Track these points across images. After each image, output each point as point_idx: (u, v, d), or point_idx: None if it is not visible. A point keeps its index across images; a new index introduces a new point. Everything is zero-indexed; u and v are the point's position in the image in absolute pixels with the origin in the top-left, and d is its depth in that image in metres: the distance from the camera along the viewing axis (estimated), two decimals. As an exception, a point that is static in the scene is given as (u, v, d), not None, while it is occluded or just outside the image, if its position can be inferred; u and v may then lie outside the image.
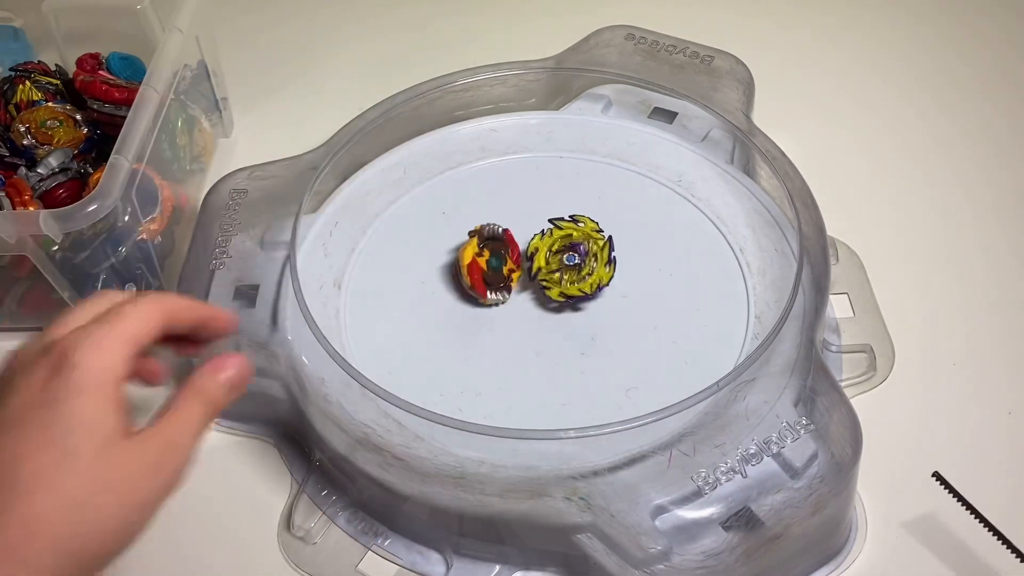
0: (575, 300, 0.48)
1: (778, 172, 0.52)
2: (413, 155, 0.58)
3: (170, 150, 0.58)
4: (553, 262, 0.48)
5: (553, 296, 0.48)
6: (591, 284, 0.48)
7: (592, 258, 0.48)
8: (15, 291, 0.53)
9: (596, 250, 0.48)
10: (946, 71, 0.71)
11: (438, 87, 0.59)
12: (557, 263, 0.48)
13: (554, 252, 0.49)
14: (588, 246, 0.49)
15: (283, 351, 0.46)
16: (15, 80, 0.59)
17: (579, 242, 0.49)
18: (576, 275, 0.48)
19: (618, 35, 0.62)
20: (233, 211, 0.53)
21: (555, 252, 0.49)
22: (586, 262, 0.48)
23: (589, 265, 0.48)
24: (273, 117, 0.69)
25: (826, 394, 0.42)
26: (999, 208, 0.60)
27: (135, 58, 0.61)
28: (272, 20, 0.79)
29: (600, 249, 0.49)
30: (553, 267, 0.48)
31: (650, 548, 0.38)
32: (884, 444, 0.46)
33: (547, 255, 0.48)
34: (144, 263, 0.52)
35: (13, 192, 0.51)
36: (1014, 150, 0.64)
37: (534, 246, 0.49)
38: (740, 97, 0.57)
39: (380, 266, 0.52)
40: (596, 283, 0.48)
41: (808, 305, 0.47)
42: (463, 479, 0.41)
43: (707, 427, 0.42)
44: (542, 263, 0.48)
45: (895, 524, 0.44)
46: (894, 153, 0.64)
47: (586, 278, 0.48)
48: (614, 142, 0.58)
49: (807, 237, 0.49)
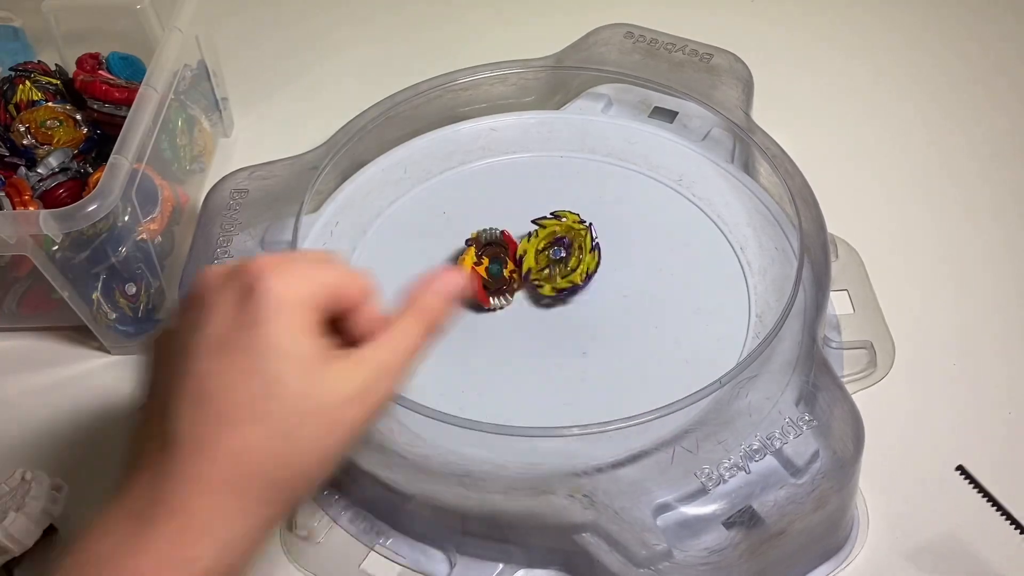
0: (567, 293, 0.48)
1: (778, 169, 0.52)
2: (413, 155, 0.58)
3: (170, 150, 0.58)
4: (541, 260, 0.49)
5: (546, 293, 0.48)
6: (580, 274, 0.48)
7: (577, 248, 0.49)
8: (15, 291, 0.53)
9: (580, 240, 0.49)
10: (946, 68, 0.71)
11: (438, 87, 0.59)
12: (545, 260, 0.49)
13: (541, 250, 0.49)
14: (571, 238, 0.49)
15: (285, 350, 0.46)
16: (15, 80, 0.59)
17: (562, 236, 0.49)
18: (564, 268, 0.48)
19: (617, 33, 0.62)
20: (234, 211, 0.53)
21: (542, 250, 0.49)
22: (571, 253, 0.49)
23: (575, 256, 0.48)
24: (273, 117, 0.69)
25: (827, 390, 0.43)
26: (998, 204, 0.60)
27: (135, 58, 0.61)
28: (272, 20, 0.79)
29: (583, 239, 0.49)
30: (542, 265, 0.49)
31: (653, 545, 0.38)
32: (885, 440, 0.46)
33: (535, 255, 0.49)
34: (144, 263, 0.52)
35: (13, 192, 0.51)
36: (1014, 148, 0.64)
37: (523, 248, 0.50)
38: (739, 95, 0.57)
39: (381, 265, 0.52)
40: (584, 272, 0.48)
41: (809, 302, 0.47)
42: (466, 477, 0.41)
43: (710, 424, 0.42)
44: (532, 263, 0.49)
45: (896, 520, 0.44)
46: (894, 150, 0.64)
47: (574, 269, 0.48)
48: (615, 141, 0.58)
49: (807, 235, 0.49)
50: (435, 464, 0.42)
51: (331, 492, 0.46)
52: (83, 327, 0.52)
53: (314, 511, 0.45)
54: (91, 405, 0.52)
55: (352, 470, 0.44)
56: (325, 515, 0.45)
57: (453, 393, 0.45)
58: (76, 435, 0.50)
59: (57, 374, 0.53)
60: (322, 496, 0.46)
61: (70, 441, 0.50)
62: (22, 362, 0.54)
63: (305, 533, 0.45)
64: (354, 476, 0.45)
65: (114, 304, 0.52)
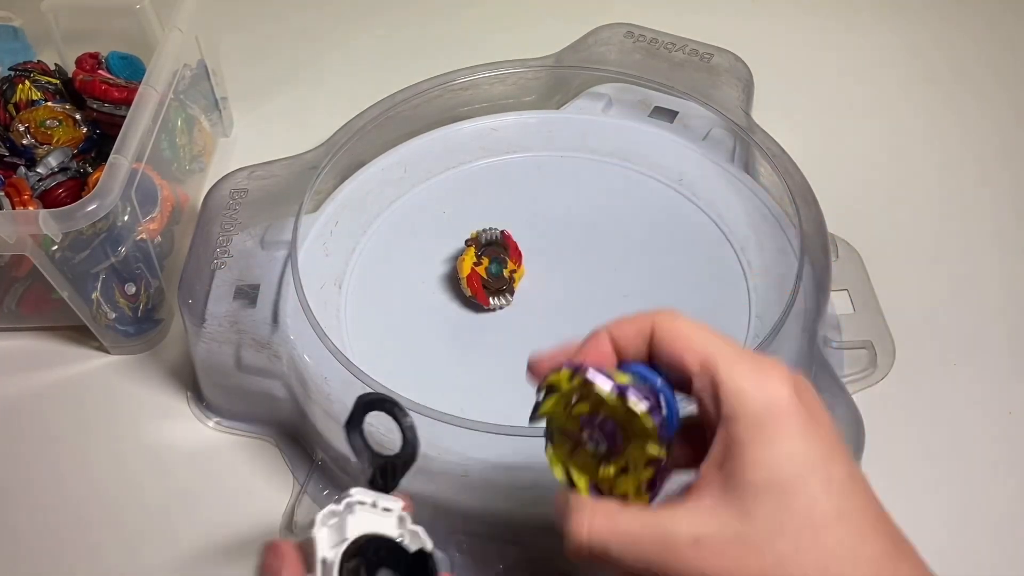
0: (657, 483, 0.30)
1: (778, 169, 0.52)
2: (413, 154, 0.58)
3: (170, 150, 0.58)
4: (568, 422, 0.31)
5: (556, 475, 0.31)
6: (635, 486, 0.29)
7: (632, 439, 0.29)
8: (15, 291, 0.53)
9: (634, 427, 0.29)
10: (947, 67, 0.71)
11: (438, 86, 0.59)
12: (574, 426, 0.31)
13: (572, 412, 0.30)
14: (616, 418, 0.29)
15: (285, 350, 0.46)
16: (15, 80, 0.59)
17: (608, 418, 0.30)
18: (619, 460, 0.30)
19: (617, 33, 0.62)
20: (233, 211, 0.53)
21: (573, 412, 0.30)
22: (624, 445, 0.29)
23: (628, 456, 0.29)
24: (273, 117, 0.69)
25: (828, 390, 0.43)
26: (998, 204, 0.60)
27: (135, 58, 0.61)
28: (272, 19, 0.79)
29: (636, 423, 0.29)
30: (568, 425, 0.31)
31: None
32: (885, 440, 0.46)
33: (565, 406, 0.31)
34: (144, 263, 0.52)
35: (13, 192, 0.51)
36: (1014, 148, 0.64)
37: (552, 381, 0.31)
38: (739, 94, 0.57)
39: (381, 265, 0.52)
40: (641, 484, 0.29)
41: (809, 302, 0.47)
42: (466, 478, 0.41)
43: (709, 424, 0.42)
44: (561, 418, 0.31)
45: (896, 520, 0.44)
46: (894, 149, 0.64)
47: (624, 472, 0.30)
48: (615, 141, 0.58)
49: (808, 235, 0.49)
50: (435, 464, 0.42)
51: (331, 492, 0.46)
52: (83, 327, 0.52)
53: (314, 511, 0.45)
54: (91, 405, 0.52)
55: (352, 470, 0.44)
56: (325, 515, 0.45)
57: (453, 393, 0.45)
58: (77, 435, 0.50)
59: (57, 374, 0.53)
60: (322, 496, 0.46)
61: (70, 441, 0.50)
62: (22, 362, 0.54)
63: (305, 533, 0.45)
64: (354, 476, 0.45)
65: (114, 304, 0.51)
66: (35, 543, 0.46)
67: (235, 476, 0.48)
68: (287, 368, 0.46)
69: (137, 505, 0.47)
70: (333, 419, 0.44)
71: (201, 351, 0.48)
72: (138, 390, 0.52)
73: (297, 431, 0.48)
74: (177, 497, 0.47)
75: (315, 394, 0.45)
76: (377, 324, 0.49)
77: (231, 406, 0.50)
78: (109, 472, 0.48)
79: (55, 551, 0.45)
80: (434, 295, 0.50)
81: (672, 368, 0.29)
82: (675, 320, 0.29)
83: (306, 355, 0.46)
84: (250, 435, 0.50)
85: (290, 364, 0.46)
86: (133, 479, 0.48)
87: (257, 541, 0.45)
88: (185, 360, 0.53)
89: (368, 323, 0.49)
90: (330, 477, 0.46)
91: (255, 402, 0.48)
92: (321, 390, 0.45)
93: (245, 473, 0.48)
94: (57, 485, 0.48)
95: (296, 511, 0.45)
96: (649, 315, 0.30)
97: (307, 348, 0.46)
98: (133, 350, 0.54)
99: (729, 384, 0.27)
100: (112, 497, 0.47)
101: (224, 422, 0.50)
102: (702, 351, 0.28)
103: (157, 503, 0.47)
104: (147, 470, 0.48)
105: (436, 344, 0.48)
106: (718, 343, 0.28)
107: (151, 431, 0.50)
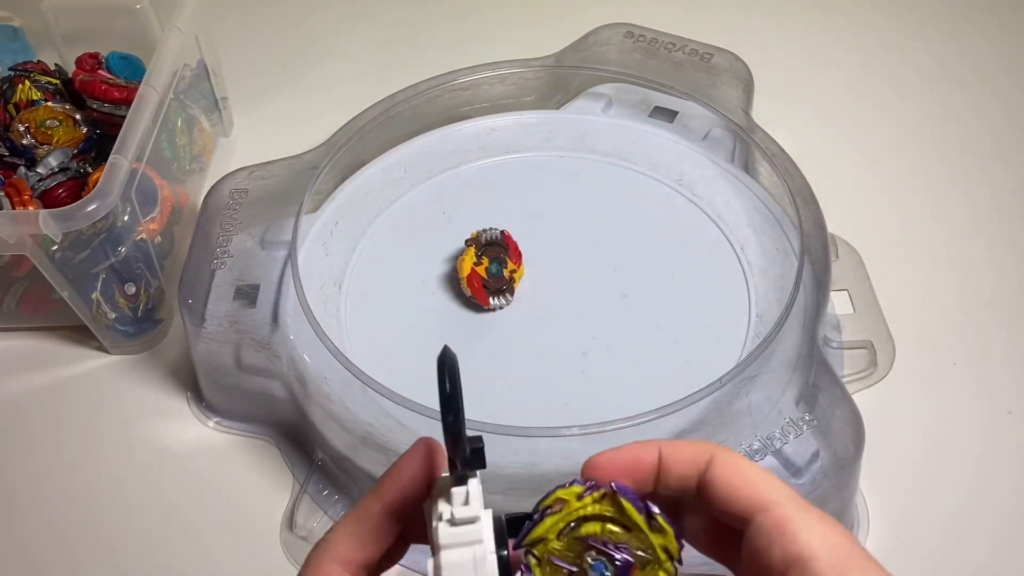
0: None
1: (778, 169, 0.52)
2: (413, 154, 0.58)
3: (170, 150, 0.58)
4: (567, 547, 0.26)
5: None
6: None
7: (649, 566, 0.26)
8: (15, 291, 0.53)
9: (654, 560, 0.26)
10: (947, 67, 0.71)
11: (438, 86, 0.59)
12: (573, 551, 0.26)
13: (573, 534, 0.26)
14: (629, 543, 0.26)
15: (284, 350, 0.46)
16: (15, 80, 0.59)
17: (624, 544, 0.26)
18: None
19: (617, 33, 0.62)
20: (233, 211, 0.53)
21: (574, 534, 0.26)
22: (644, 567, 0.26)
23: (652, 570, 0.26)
24: (273, 117, 0.69)
25: (828, 390, 0.43)
26: (999, 204, 0.60)
27: (135, 58, 0.61)
28: (272, 20, 0.79)
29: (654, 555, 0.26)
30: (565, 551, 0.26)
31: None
32: (885, 440, 0.46)
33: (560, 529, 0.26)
34: (144, 263, 0.52)
35: (13, 192, 0.51)
36: (1015, 147, 0.64)
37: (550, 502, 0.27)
38: (739, 94, 0.57)
39: (381, 265, 0.52)
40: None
41: (809, 302, 0.47)
42: (466, 477, 0.41)
43: (710, 424, 0.42)
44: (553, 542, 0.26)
45: (896, 520, 0.44)
46: (894, 149, 0.64)
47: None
48: (615, 141, 0.58)
49: (808, 235, 0.49)
50: (435, 464, 0.42)
51: (331, 492, 0.46)
52: (83, 327, 0.52)
53: (314, 511, 0.45)
54: (91, 405, 0.52)
55: (352, 470, 0.44)
56: (325, 515, 0.45)
57: (453, 393, 0.45)
58: (77, 435, 0.50)
59: (57, 374, 0.53)
60: (322, 496, 0.46)
61: (70, 441, 0.50)
62: (22, 362, 0.54)
63: (305, 533, 0.45)
64: (354, 476, 0.45)
65: (114, 304, 0.52)
66: (35, 543, 0.46)
67: (235, 476, 0.48)
68: (287, 368, 0.46)
69: (137, 505, 0.47)
70: (333, 419, 0.44)
71: (201, 351, 0.48)
72: (138, 390, 0.52)
73: (297, 431, 0.48)
74: (177, 497, 0.47)
75: (315, 394, 0.45)
76: (377, 324, 0.49)
77: (231, 406, 0.50)
78: (109, 472, 0.48)
79: (55, 551, 0.45)
80: (434, 295, 0.50)
81: (724, 503, 0.27)
82: (739, 456, 0.29)
83: (306, 355, 0.46)
84: (250, 435, 0.50)
85: (290, 364, 0.46)
86: (133, 479, 0.48)
87: (257, 541, 0.45)
88: (185, 360, 0.53)
89: (368, 323, 0.49)
90: (330, 477, 0.46)
91: (255, 402, 0.48)
92: (321, 390, 0.45)
93: (245, 473, 0.48)
94: (57, 485, 0.48)
95: (296, 510, 0.45)
96: (708, 445, 0.29)
97: (307, 348, 0.46)
98: (133, 350, 0.54)
99: (803, 523, 0.26)
100: (112, 497, 0.47)
101: (224, 422, 0.50)
102: (766, 491, 0.27)
103: (157, 503, 0.47)
104: (147, 470, 0.48)
105: (436, 344, 0.47)
106: (783, 484, 0.28)
107: (151, 431, 0.50)
